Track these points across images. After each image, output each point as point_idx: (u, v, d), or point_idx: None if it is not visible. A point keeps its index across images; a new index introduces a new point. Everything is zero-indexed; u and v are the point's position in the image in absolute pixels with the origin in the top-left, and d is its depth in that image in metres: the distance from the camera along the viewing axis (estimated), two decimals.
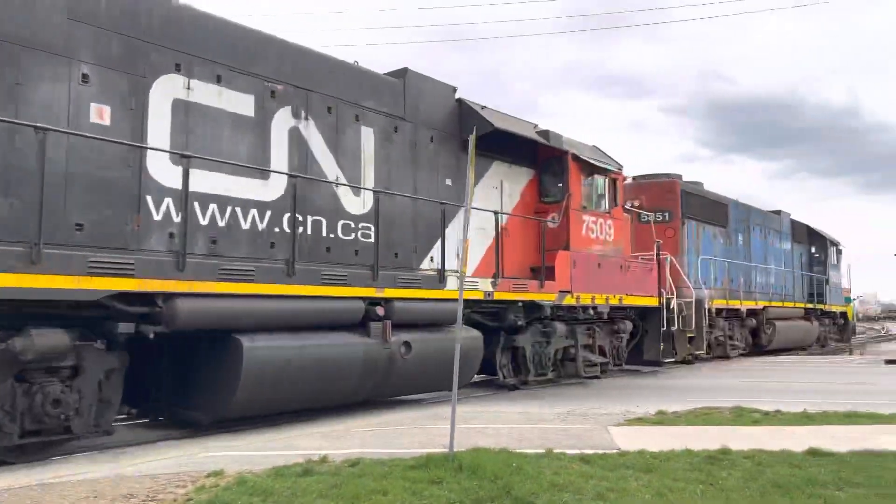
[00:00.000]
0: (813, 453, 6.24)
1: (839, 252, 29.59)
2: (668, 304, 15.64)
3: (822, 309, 26.68)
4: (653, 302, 14.97)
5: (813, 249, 27.74)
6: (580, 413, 9.21)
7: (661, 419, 8.52)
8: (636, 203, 16.94)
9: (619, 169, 14.22)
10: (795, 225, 26.18)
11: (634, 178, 18.60)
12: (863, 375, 15.49)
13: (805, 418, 8.42)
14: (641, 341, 15.27)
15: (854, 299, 35.73)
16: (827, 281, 27.31)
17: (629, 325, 14.59)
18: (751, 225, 22.08)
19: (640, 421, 8.44)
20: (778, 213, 24.92)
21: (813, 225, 28.16)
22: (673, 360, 16.13)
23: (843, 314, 30.09)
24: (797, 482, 5.27)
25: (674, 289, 16.20)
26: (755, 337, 21.72)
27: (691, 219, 18.74)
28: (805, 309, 25.26)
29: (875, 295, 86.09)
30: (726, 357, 19.76)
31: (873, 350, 29.06)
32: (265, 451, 6.63)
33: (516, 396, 11.52)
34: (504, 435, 7.43)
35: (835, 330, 29.25)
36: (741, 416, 8.62)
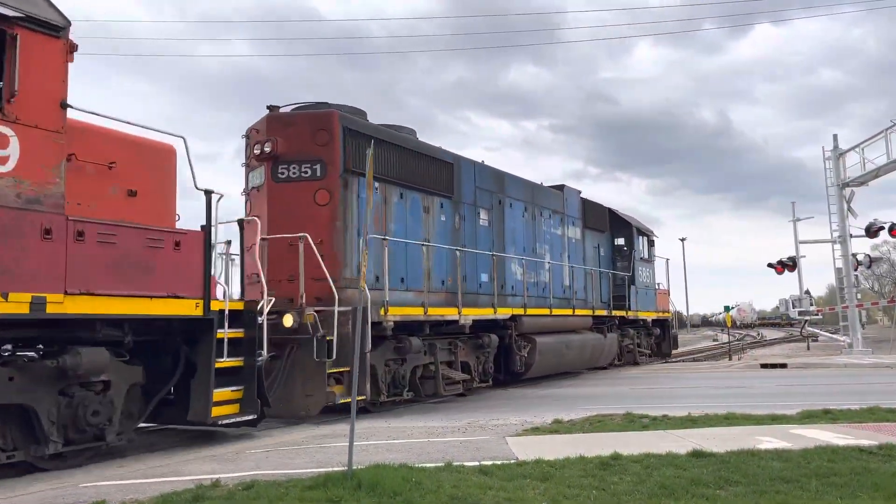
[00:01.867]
0: (696, 455, 6.57)
1: (651, 244, 22.88)
2: (256, 315, 8.80)
3: (623, 316, 20.40)
4: (181, 310, 7.76)
5: (621, 241, 21.44)
6: (479, 425, 9.31)
7: (557, 428, 8.74)
8: (268, 148, 10.84)
9: (55, 28, 6.79)
10: (589, 207, 19.69)
11: (270, 108, 11.38)
12: (741, 379, 16.55)
13: (689, 422, 8.87)
14: (190, 387, 8.06)
15: (732, 308, 37.36)
16: (633, 280, 20.89)
17: (100, 358, 7.11)
18: (506, 200, 15.25)
19: (537, 430, 8.63)
20: (560, 188, 18.16)
21: (618, 209, 21.94)
22: (252, 416, 8.44)
23: (662, 322, 23.86)
24: (682, 483, 5.53)
25: (302, 291, 9.83)
26: (508, 361, 14.82)
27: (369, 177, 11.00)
28: (597, 317, 18.72)
29: (750, 304, 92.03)
30: (434, 395, 12.31)
31: (750, 355, 31.17)
32: (152, 479, 6.28)
33: (417, 410, 11.50)
34: (405, 450, 7.39)
35: (650, 342, 23.28)
36: (632, 423, 8.98)
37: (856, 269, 26.65)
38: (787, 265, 28.32)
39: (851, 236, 26.05)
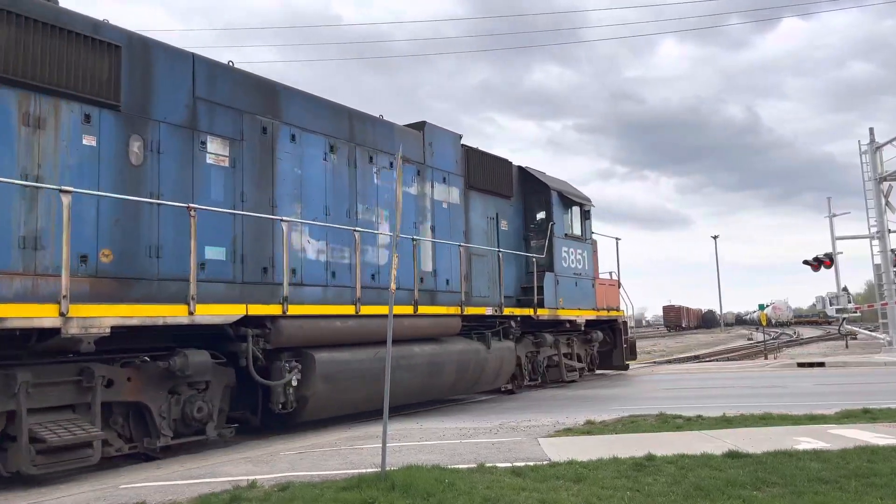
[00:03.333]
0: (732, 456, 6.49)
1: (585, 216, 16.47)
2: None
3: (531, 316, 13.91)
4: None
5: (543, 214, 15.18)
6: (511, 426, 9.30)
7: (590, 429, 8.70)
8: None
9: None
10: (478, 160, 13.65)
11: None
12: (777, 378, 16.27)
13: (724, 422, 8.76)
14: None
15: (767, 305, 36.63)
16: (551, 265, 14.73)
17: None
18: (282, 129, 9.71)
19: (570, 431, 8.59)
20: (419, 126, 12.39)
21: (532, 168, 15.54)
22: None
23: (609, 323, 17.38)
24: (718, 484, 5.47)
25: None
26: (267, 398, 8.87)
27: None
28: (478, 318, 12.67)
29: (786, 301, 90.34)
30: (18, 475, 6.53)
31: (786, 353, 30.63)
32: (189, 480, 6.39)
33: (448, 411, 11.53)
34: (437, 451, 7.42)
35: (588, 352, 16.88)
36: (665, 423, 8.90)
37: (895, 265, 26.02)
38: (823, 262, 27.77)
39: (890, 231, 25.46)
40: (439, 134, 12.81)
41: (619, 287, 17.87)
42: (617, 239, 17.82)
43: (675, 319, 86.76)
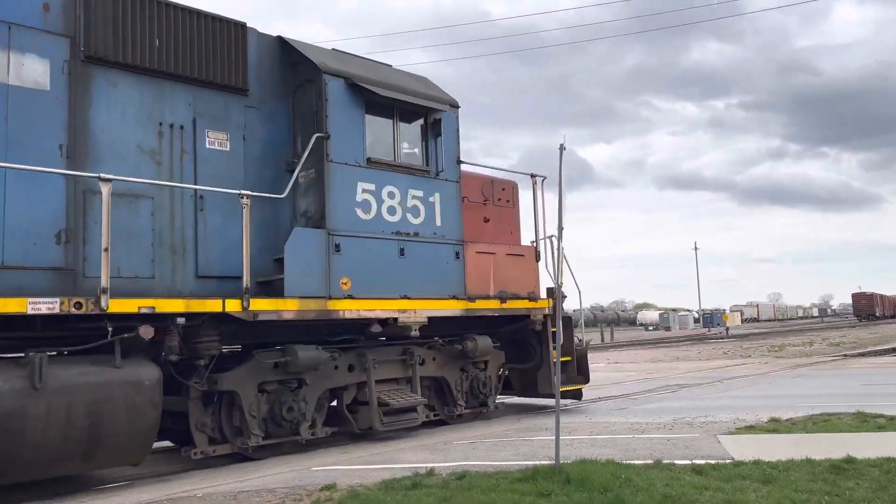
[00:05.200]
0: None
1: (434, 127, 9.02)
2: None
3: (233, 315, 6.93)
4: None
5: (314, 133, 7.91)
6: (686, 422, 8.94)
7: (776, 427, 8.15)
8: None
9: None
10: (115, 4, 6.83)
11: None
12: None
13: None
14: None
15: None
16: (323, 216, 7.81)
17: None
18: None
19: (752, 429, 8.10)
20: None
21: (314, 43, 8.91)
22: None
23: (519, 320, 10.00)
24: None
25: None
26: None
27: None
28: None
29: None
30: None
31: None
32: (372, 465, 6.78)
33: (618, 406, 11.29)
34: (609, 445, 7.31)
35: (470, 373, 9.72)
36: (864, 423, 8.14)
37: None
38: None
39: None
40: None
41: (536, 258, 10.33)
42: (535, 177, 10.35)
43: (867, 308, 79.01)
